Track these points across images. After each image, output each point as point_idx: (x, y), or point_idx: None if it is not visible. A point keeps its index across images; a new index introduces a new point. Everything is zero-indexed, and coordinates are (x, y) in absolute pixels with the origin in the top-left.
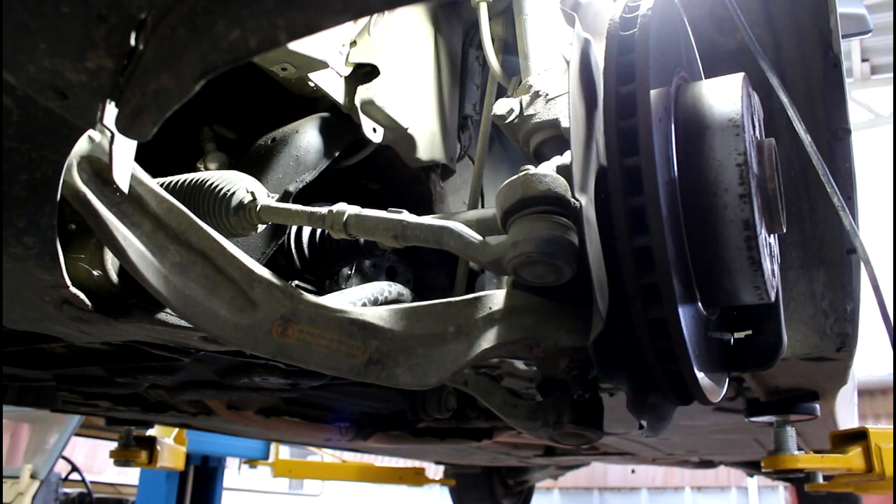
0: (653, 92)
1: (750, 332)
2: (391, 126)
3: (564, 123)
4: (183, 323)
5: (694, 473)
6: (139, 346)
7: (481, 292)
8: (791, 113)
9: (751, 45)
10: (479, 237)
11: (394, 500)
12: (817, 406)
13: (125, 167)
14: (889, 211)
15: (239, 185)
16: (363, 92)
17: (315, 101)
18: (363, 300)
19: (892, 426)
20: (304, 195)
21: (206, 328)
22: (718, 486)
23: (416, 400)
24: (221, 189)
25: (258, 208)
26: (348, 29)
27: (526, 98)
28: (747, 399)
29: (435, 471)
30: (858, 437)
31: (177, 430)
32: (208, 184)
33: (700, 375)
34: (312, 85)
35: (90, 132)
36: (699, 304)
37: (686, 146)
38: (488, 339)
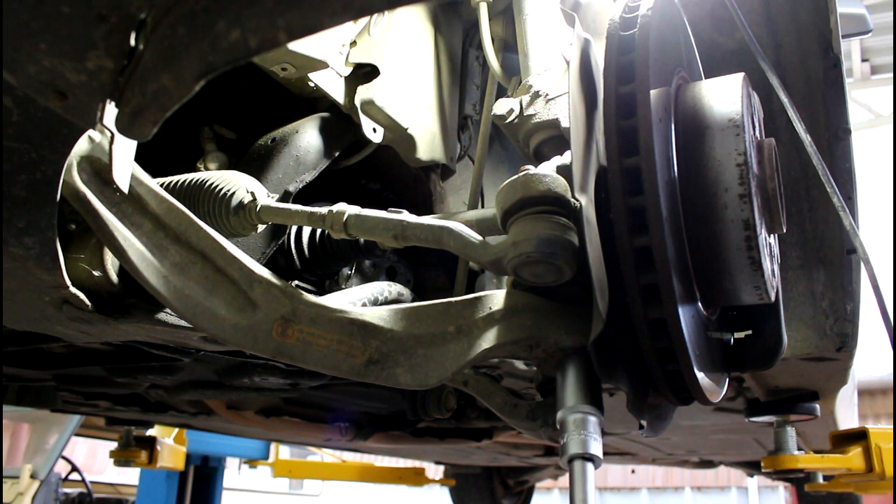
0: (653, 92)
1: (750, 332)
2: (391, 126)
3: (564, 123)
4: (183, 323)
5: (694, 473)
6: (139, 346)
7: (481, 292)
8: (791, 113)
9: (751, 45)
10: (479, 237)
11: (394, 500)
12: (817, 406)
13: (125, 167)
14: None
15: (239, 185)
16: (363, 92)
17: (315, 101)
18: (363, 300)
19: (892, 426)
20: (304, 195)
21: (205, 328)
22: (718, 486)
23: (416, 400)
24: (221, 189)
25: (258, 208)
26: (348, 29)
27: (526, 98)
28: (747, 399)
29: (435, 471)
30: (858, 437)
31: (177, 430)
32: (208, 184)
33: (700, 375)
34: (312, 85)
35: (90, 132)
36: (699, 304)
37: (686, 146)
38: (488, 339)
